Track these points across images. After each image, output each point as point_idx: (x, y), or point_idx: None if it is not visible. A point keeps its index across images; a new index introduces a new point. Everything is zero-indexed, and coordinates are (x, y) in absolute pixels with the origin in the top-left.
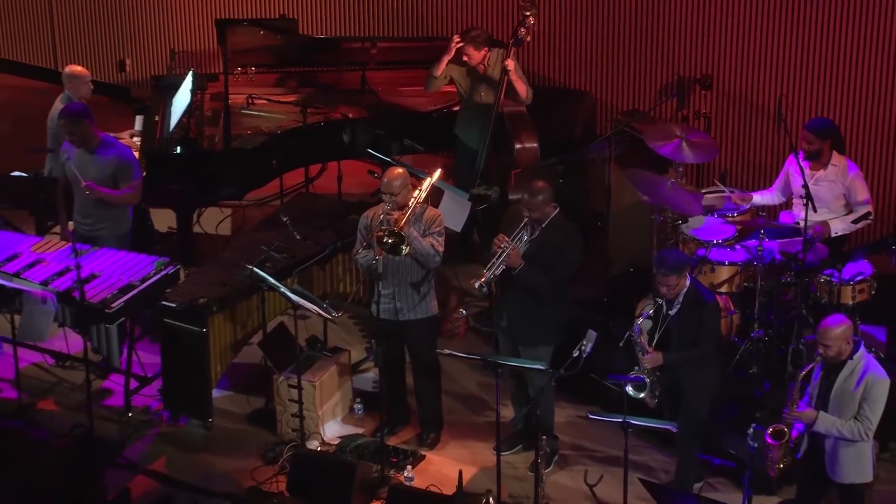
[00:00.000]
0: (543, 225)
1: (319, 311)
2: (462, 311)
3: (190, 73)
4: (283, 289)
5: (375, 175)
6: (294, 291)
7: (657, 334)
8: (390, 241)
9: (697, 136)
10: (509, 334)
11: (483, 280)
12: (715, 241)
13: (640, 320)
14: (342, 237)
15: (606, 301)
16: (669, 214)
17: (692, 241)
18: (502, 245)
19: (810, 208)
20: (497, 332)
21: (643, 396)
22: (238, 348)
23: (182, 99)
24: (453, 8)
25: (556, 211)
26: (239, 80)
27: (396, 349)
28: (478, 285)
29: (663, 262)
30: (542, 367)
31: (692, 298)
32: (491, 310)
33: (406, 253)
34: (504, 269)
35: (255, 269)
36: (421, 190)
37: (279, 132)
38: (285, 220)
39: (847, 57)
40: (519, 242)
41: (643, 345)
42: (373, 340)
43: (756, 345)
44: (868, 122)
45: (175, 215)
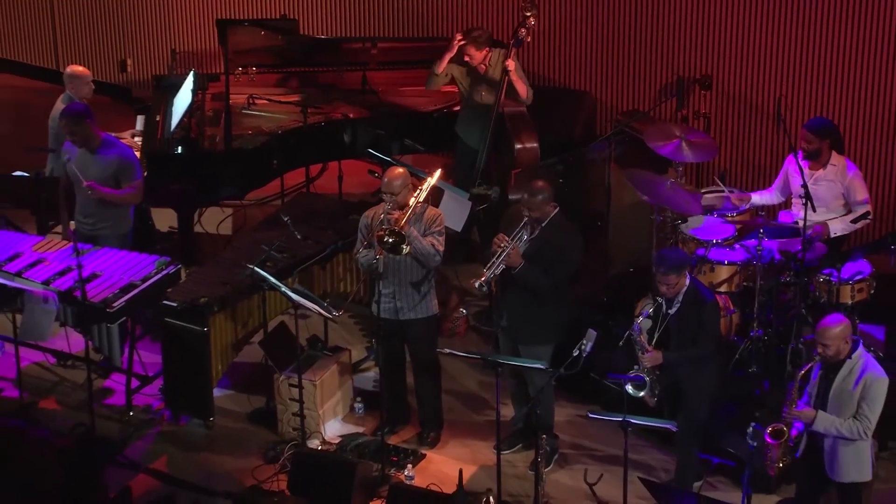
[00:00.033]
0: (543, 224)
1: (320, 310)
2: (462, 311)
3: (191, 74)
4: (283, 288)
5: (376, 175)
6: (295, 291)
7: (657, 333)
8: (391, 240)
9: (697, 136)
10: (509, 333)
11: (483, 279)
12: (714, 241)
13: (639, 319)
14: (343, 237)
15: (606, 300)
16: (669, 214)
17: (692, 241)
18: (502, 244)
19: (809, 208)
20: (497, 332)
21: (643, 395)
22: (239, 347)
23: (183, 99)
24: (453, 8)
25: (556, 210)
26: (240, 81)
27: (397, 348)
28: (478, 285)
29: (663, 261)
30: (543, 367)
31: (692, 297)
32: (491, 309)
33: (406, 252)
34: (504, 269)
35: (256, 269)
36: (421, 189)
37: (280, 132)
38: (286, 219)
39: (846, 57)
40: (519, 242)
41: (643, 344)
42: (373, 340)
43: (755, 344)
44: (867, 121)
45: (176, 215)
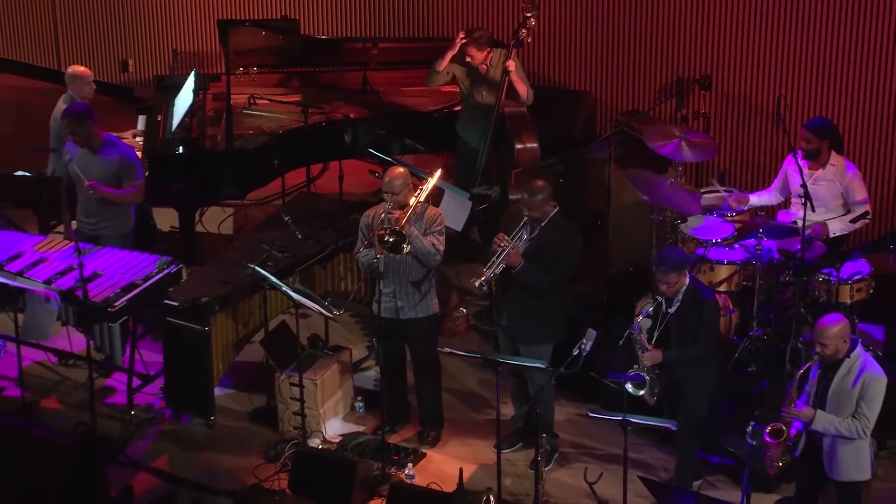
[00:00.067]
0: (543, 224)
1: (321, 309)
2: (462, 310)
3: (192, 74)
4: (284, 287)
5: (376, 174)
6: (296, 290)
7: (657, 332)
8: (391, 239)
9: (696, 136)
10: (509, 333)
11: (483, 279)
12: (714, 241)
13: (639, 318)
14: (343, 236)
15: (606, 300)
16: (669, 214)
17: (691, 241)
18: (502, 244)
19: (809, 208)
20: (497, 331)
21: (643, 394)
22: (240, 347)
23: (184, 99)
24: (454, 8)
25: (556, 210)
26: (241, 81)
27: (397, 347)
28: (478, 284)
29: (663, 260)
30: (543, 366)
31: (692, 297)
32: (491, 308)
33: (407, 252)
34: (504, 268)
35: (257, 268)
36: (422, 189)
37: (281, 132)
38: (287, 219)
39: (845, 57)
40: (519, 241)
41: (643, 343)
42: (374, 339)
43: (755, 343)
44: (866, 121)
45: (177, 215)
